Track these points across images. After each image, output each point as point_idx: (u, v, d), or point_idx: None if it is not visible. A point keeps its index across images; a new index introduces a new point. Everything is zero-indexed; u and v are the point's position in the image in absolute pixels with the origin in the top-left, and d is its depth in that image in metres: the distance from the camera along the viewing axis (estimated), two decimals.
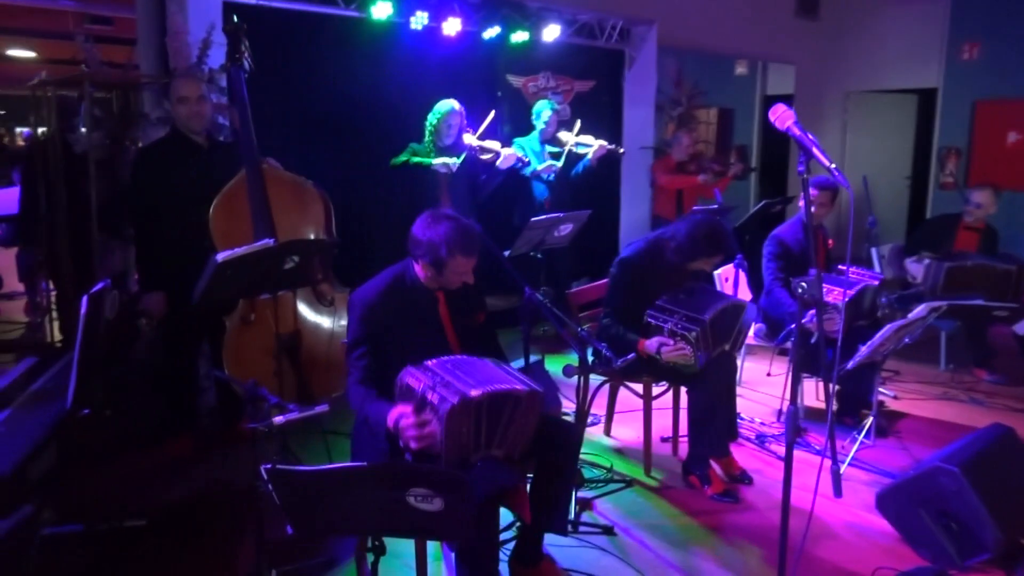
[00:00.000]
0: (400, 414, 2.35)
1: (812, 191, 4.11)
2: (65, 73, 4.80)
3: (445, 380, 2.31)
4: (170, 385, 3.72)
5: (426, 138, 4.68)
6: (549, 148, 5.45)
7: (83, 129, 4.54)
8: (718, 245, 3.40)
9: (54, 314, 5.09)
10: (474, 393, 2.25)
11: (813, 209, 4.20)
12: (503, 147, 4.83)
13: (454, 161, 4.53)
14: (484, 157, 4.76)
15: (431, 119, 4.65)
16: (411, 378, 2.37)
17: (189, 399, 3.80)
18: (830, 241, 4.50)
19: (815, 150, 1.91)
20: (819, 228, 4.35)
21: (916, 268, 4.88)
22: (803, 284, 2.05)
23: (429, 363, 2.40)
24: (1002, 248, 5.37)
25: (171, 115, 3.74)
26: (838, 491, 2.02)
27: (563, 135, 5.45)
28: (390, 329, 2.59)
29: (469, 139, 4.72)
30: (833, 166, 1.85)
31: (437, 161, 4.52)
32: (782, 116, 1.97)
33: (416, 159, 4.52)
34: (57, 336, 4.96)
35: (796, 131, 1.94)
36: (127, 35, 8.72)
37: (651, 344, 3.33)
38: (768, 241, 4.24)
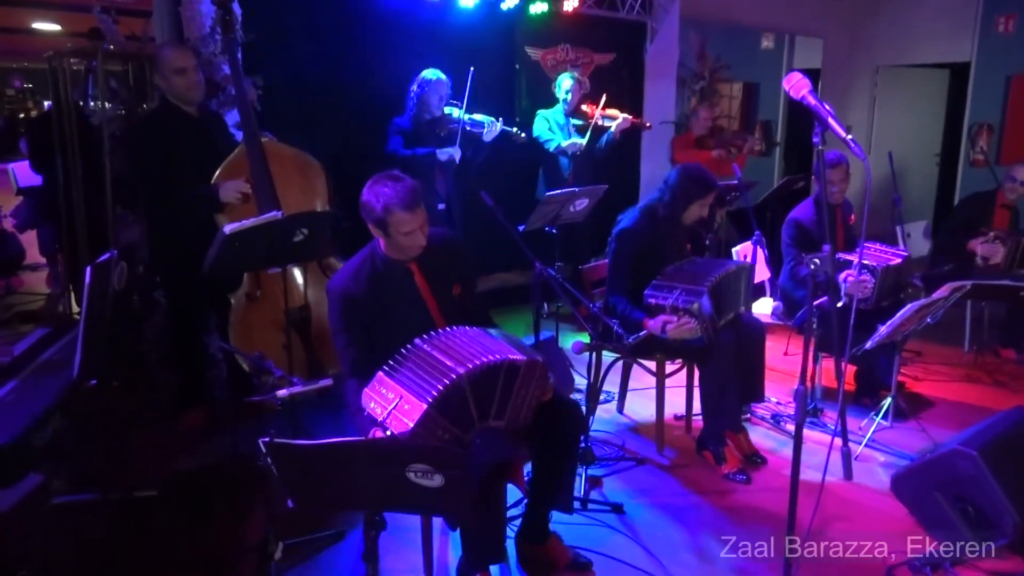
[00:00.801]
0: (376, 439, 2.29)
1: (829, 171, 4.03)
2: (83, 45, 4.78)
3: (398, 396, 2.20)
4: (181, 358, 3.74)
5: (413, 112, 4.55)
6: (574, 121, 5.37)
7: (92, 104, 4.53)
8: (705, 183, 3.48)
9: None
10: (430, 400, 2.14)
11: (835, 189, 4.10)
12: (489, 119, 4.70)
13: (458, 152, 4.48)
14: (476, 130, 4.66)
15: (417, 90, 4.52)
16: (371, 404, 2.27)
17: (200, 372, 3.81)
18: (851, 217, 4.39)
19: (831, 120, 1.84)
20: (839, 205, 4.24)
21: (989, 249, 4.71)
22: (816, 260, 1.98)
23: (381, 373, 2.27)
24: None
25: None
26: (848, 474, 1.97)
27: (588, 108, 5.37)
28: (372, 311, 2.54)
29: (458, 113, 4.63)
30: (849, 137, 1.78)
31: (443, 154, 4.47)
32: (797, 85, 1.90)
33: (424, 151, 4.45)
34: (75, 308, 5.00)
35: (811, 100, 1.86)
36: (149, 7, 8.73)
37: (655, 323, 3.28)
38: (786, 225, 4.16)
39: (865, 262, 3.81)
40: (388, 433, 2.20)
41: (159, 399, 3.87)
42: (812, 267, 1.97)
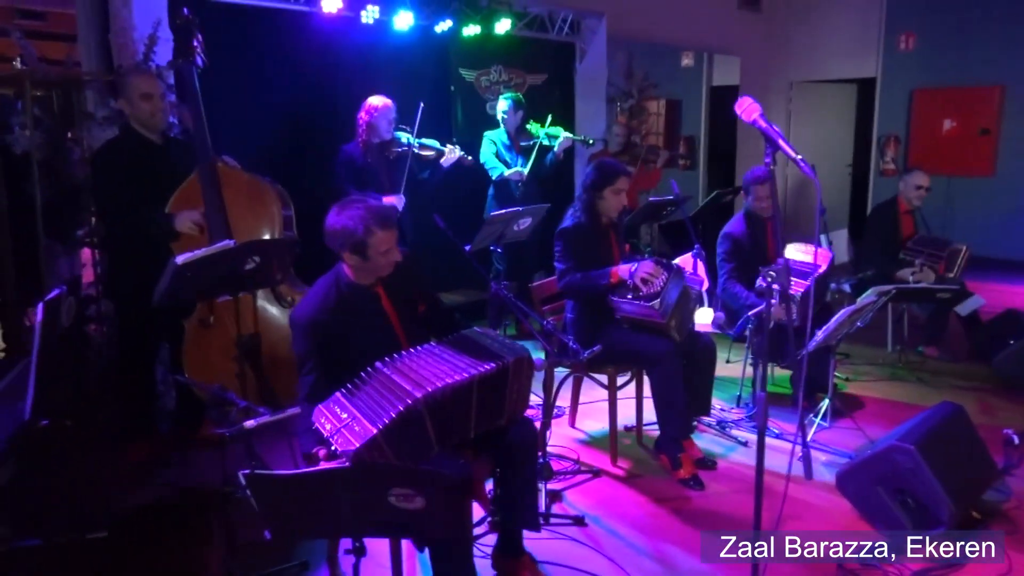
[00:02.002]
0: (318, 458, 2.31)
1: (752, 190, 4.23)
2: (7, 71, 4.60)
3: (351, 416, 2.22)
4: (128, 390, 3.63)
5: (363, 138, 4.55)
6: (522, 142, 5.42)
7: (18, 129, 4.37)
8: (611, 168, 3.64)
9: None
10: (381, 425, 2.16)
11: (763, 204, 4.23)
12: (447, 146, 4.77)
13: (401, 201, 4.52)
14: (424, 154, 4.71)
15: (362, 115, 4.53)
16: (319, 421, 2.29)
17: (146, 404, 3.71)
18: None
19: (781, 142, 1.95)
20: (769, 218, 4.41)
21: (920, 276, 4.90)
22: (771, 273, 2.09)
23: (339, 395, 2.29)
24: (937, 231, 5.60)
25: (121, 114, 3.63)
26: (809, 473, 2.08)
27: (532, 127, 5.44)
28: (338, 338, 2.53)
29: (406, 137, 4.66)
30: (799, 157, 1.89)
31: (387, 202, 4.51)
32: (748, 109, 2.00)
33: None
34: None
35: (762, 123, 1.97)
36: (61, 31, 8.40)
37: (625, 267, 3.47)
38: (720, 240, 4.32)
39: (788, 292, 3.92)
40: (333, 449, 2.22)
41: (103, 434, 3.73)
42: (768, 280, 2.08)
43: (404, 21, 5.16)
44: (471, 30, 5.60)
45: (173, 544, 3.02)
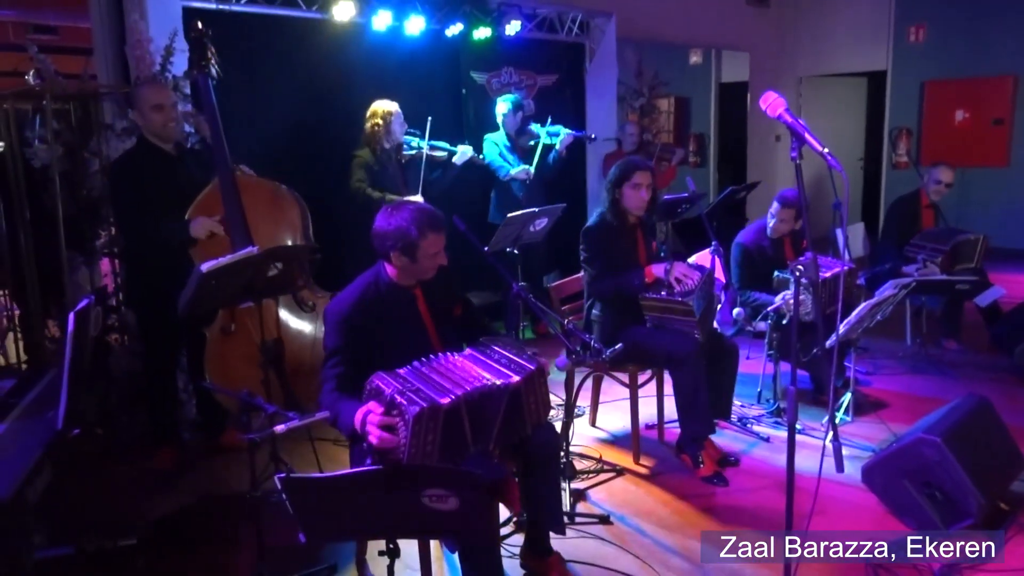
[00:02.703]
0: (368, 411, 2.28)
1: (775, 205, 4.22)
2: (9, 85, 4.64)
3: (415, 387, 2.27)
4: (152, 398, 3.66)
5: (373, 143, 4.58)
6: (522, 144, 5.43)
7: (38, 142, 4.42)
8: (627, 164, 3.65)
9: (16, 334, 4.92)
10: (444, 401, 2.20)
11: (774, 223, 4.26)
12: (458, 147, 4.82)
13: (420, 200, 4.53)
14: (436, 155, 4.75)
15: (377, 122, 4.55)
16: (380, 381, 2.32)
17: (169, 413, 3.74)
18: (804, 242, 4.49)
19: (807, 136, 1.94)
20: (787, 235, 4.36)
21: (925, 272, 4.87)
22: (800, 267, 2.09)
23: (401, 371, 2.35)
24: (953, 223, 5.56)
25: (137, 125, 3.66)
26: (840, 467, 2.08)
27: (535, 127, 5.46)
28: (371, 336, 2.55)
29: (416, 142, 4.68)
30: (826, 151, 1.89)
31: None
32: (773, 103, 2.00)
33: (387, 196, 4.45)
34: (20, 356, 4.79)
35: (788, 118, 1.97)
36: (73, 44, 8.48)
37: (661, 266, 3.53)
38: (733, 247, 4.33)
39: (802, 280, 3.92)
40: (399, 403, 2.20)
41: (127, 442, 3.77)
42: (797, 273, 2.08)
43: (415, 26, 5.18)
44: (481, 33, 5.62)
45: (202, 550, 3.05)
